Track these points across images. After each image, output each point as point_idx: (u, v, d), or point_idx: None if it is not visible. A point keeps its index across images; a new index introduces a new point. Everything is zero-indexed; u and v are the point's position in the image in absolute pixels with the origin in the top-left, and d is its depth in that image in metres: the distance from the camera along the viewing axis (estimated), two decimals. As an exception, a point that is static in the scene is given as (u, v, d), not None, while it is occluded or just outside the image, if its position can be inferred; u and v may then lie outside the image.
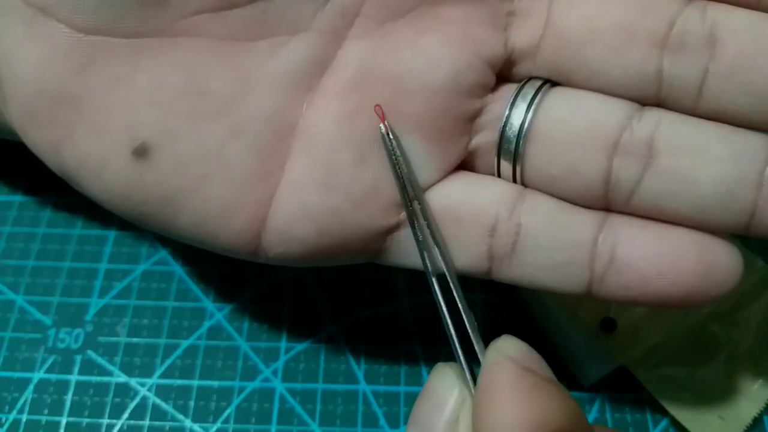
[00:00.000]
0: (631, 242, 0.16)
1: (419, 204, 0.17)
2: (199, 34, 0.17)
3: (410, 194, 0.17)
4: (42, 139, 0.17)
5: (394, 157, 0.17)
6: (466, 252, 0.17)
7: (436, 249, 0.17)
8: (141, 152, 0.17)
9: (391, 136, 0.17)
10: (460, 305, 0.16)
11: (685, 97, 0.17)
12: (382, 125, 0.17)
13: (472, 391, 0.15)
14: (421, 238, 0.17)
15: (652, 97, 0.17)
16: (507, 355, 0.15)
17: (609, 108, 0.17)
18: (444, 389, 0.15)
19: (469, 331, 0.16)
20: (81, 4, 0.16)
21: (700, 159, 0.16)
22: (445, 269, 0.17)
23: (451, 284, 0.16)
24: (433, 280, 0.17)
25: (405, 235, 0.18)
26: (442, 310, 0.16)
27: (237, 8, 0.17)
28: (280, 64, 0.17)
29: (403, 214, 0.17)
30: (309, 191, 0.17)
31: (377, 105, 0.17)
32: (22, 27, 0.17)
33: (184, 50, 0.17)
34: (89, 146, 0.17)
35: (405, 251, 0.18)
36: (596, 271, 0.17)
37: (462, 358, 0.16)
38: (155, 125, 0.17)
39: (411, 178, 0.17)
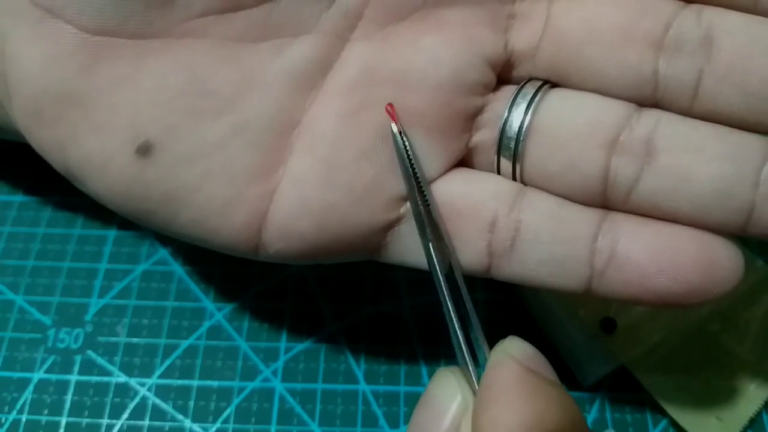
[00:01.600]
0: (631, 238, 0.16)
1: (428, 205, 0.17)
2: (204, 36, 0.17)
3: (420, 195, 0.17)
4: (47, 138, 0.18)
5: (407, 156, 0.17)
6: (466, 248, 0.17)
7: (444, 248, 0.17)
8: (144, 150, 0.17)
9: (403, 136, 0.17)
10: (467, 305, 0.16)
11: (681, 98, 0.17)
12: (393, 124, 0.17)
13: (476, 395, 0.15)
14: (429, 238, 0.17)
15: (648, 98, 0.17)
16: (511, 356, 0.15)
17: (608, 107, 0.17)
18: (445, 396, 0.15)
19: (476, 332, 0.16)
20: (88, 5, 0.16)
21: (698, 157, 0.16)
22: (453, 268, 0.17)
23: (459, 283, 0.16)
24: (441, 278, 0.17)
25: (405, 230, 0.18)
26: (448, 310, 0.16)
27: (242, 10, 0.17)
28: (284, 64, 0.18)
29: (404, 209, 0.18)
30: (309, 187, 0.17)
31: (389, 104, 0.17)
32: (29, 28, 0.17)
33: (188, 51, 0.17)
34: (93, 145, 0.17)
35: (406, 248, 0.18)
36: (596, 267, 0.17)
37: (469, 361, 0.16)
38: (158, 123, 0.17)
39: (421, 178, 0.17)
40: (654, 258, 0.16)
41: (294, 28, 0.18)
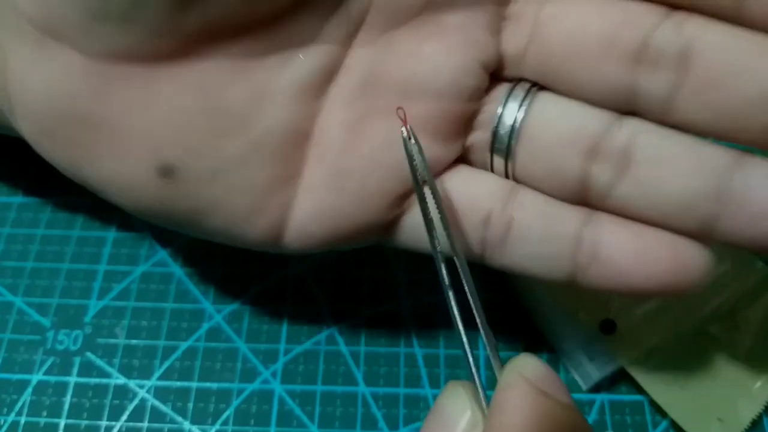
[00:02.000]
0: (611, 239, 0.18)
1: (439, 213, 0.17)
2: (213, 56, 0.17)
3: (427, 196, 0.17)
4: (60, 156, 0.18)
5: (414, 160, 0.17)
6: (462, 240, 0.18)
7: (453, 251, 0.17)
8: (166, 171, 0.17)
9: (412, 140, 0.17)
10: (478, 319, 0.16)
11: (657, 111, 0.17)
12: (403, 128, 0.17)
13: (485, 413, 0.15)
14: (439, 248, 0.17)
15: (628, 109, 0.18)
16: (524, 377, 0.14)
17: (591, 114, 0.18)
18: (455, 410, 0.15)
19: (488, 349, 0.16)
20: (89, 32, 0.16)
21: (668, 170, 0.17)
22: (465, 283, 0.17)
23: (470, 299, 0.16)
24: (450, 294, 0.16)
25: (410, 220, 0.19)
26: (456, 324, 0.16)
27: (250, 31, 0.17)
28: (291, 75, 0.18)
29: (407, 203, 0.18)
30: (322, 195, 0.18)
31: (399, 107, 0.17)
32: (29, 48, 0.17)
33: (197, 72, 0.17)
34: (112, 167, 0.17)
35: (412, 234, 0.19)
36: (579, 263, 0.18)
37: (478, 379, 0.15)
38: (177, 145, 0.17)
39: (429, 182, 0.17)
40: (631, 260, 0.17)
41: (299, 39, 0.18)
